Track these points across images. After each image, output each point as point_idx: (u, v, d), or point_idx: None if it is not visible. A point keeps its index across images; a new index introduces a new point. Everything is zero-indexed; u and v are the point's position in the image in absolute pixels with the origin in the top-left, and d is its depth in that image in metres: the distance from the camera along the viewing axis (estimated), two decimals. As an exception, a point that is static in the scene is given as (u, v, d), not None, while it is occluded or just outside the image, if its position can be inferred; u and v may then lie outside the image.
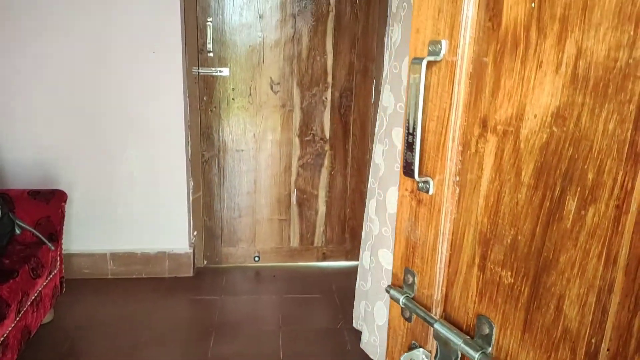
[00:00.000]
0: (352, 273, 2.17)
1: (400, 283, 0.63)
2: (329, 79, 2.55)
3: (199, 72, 2.47)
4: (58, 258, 2.10)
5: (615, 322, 0.40)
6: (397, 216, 0.64)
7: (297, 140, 2.63)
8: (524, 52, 0.45)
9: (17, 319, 1.71)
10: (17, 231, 1.96)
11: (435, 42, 0.53)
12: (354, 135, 2.65)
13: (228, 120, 2.57)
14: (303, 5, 2.43)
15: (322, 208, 2.75)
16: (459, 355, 0.54)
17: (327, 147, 2.65)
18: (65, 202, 2.14)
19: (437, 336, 0.56)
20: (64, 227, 2.14)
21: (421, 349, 0.60)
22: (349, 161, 2.70)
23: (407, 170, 0.59)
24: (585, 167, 0.40)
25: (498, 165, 0.49)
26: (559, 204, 0.43)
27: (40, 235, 1.97)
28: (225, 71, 2.49)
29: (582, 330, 0.42)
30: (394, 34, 1.70)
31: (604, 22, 0.38)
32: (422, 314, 0.58)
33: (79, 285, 2.45)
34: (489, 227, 0.51)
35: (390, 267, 1.79)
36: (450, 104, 0.53)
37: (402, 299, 0.61)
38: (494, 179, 0.50)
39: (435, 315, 0.58)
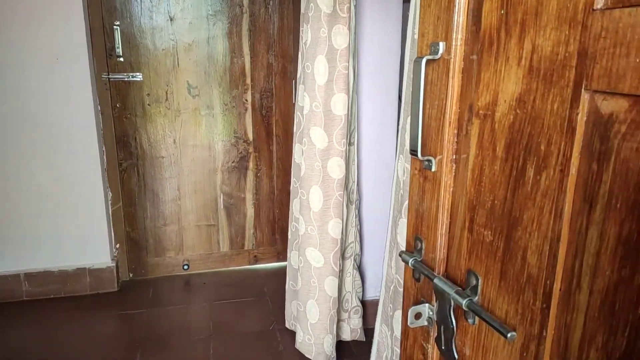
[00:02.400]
0: (284, 274, 2.17)
1: (412, 249, 0.74)
2: (248, 80, 2.53)
3: (109, 78, 2.37)
4: (-40, 285, 1.93)
5: (564, 265, 0.48)
6: (409, 191, 0.74)
7: (220, 144, 2.59)
8: (496, 49, 0.55)
9: None
10: None
11: (435, 44, 0.64)
12: (278, 136, 2.66)
13: (145, 127, 2.48)
14: (215, 7, 2.40)
15: (250, 211, 2.73)
16: (452, 304, 0.64)
17: (250, 149, 2.64)
18: (-35, 223, 1.97)
19: (436, 290, 0.66)
20: (-35, 251, 1.98)
21: (427, 304, 0.70)
22: (274, 162, 2.70)
23: (413, 151, 0.70)
24: (539, 140, 0.50)
25: (480, 143, 0.59)
26: (523, 172, 0.53)
27: (-63, 262, 1.80)
28: (138, 76, 2.40)
29: (540, 275, 0.51)
30: (305, 35, 1.72)
31: (549, 24, 0.48)
32: (426, 272, 0.68)
33: (-12, 312, 2.27)
34: (475, 195, 0.61)
35: (318, 265, 1.82)
36: (447, 95, 0.64)
37: (411, 260, 0.71)
38: (477, 154, 0.60)
39: (436, 273, 0.68)
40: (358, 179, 2.00)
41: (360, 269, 2.12)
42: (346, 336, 2.04)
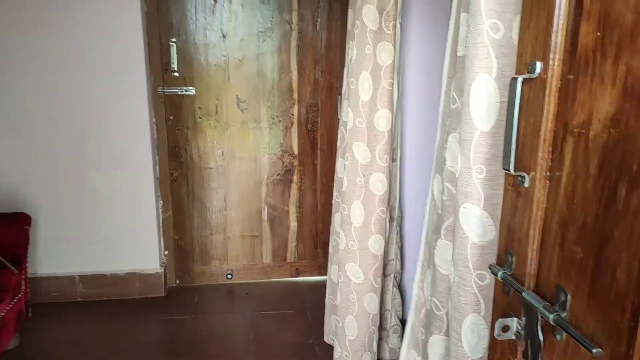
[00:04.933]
0: (325, 288, 2.17)
1: (502, 262, 0.77)
2: (295, 95, 2.59)
3: (164, 92, 2.49)
4: (23, 282, 2.07)
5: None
6: (502, 206, 0.76)
7: (265, 157, 2.65)
8: (592, 70, 0.58)
9: (-23, 347, 1.68)
10: (-21, 257, 1.93)
11: (532, 63, 0.67)
12: (322, 150, 2.68)
13: (195, 139, 2.58)
14: (266, 24, 2.47)
15: (293, 223, 2.76)
16: (540, 319, 0.65)
17: (295, 162, 2.68)
18: (29, 224, 2.11)
19: (525, 304, 0.68)
20: (28, 250, 2.12)
21: (515, 318, 0.72)
22: (318, 176, 2.72)
23: (506, 165, 0.72)
24: (632, 159, 0.52)
25: (574, 161, 0.61)
26: (615, 190, 0.54)
27: (3, 260, 1.94)
28: (191, 90, 2.50)
29: (629, 293, 0.52)
30: (351, 51, 1.74)
31: (644, 48, 0.50)
32: (515, 286, 0.71)
33: (46, 309, 2.41)
34: (567, 212, 0.63)
35: (358, 281, 1.81)
36: (542, 113, 0.66)
37: (500, 273, 0.74)
38: (571, 172, 0.62)
39: (526, 287, 0.69)
40: (400, 195, 1.99)
41: (400, 287, 2.09)
42: (385, 355, 2.01)
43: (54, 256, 2.49)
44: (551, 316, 0.62)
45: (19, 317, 2.04)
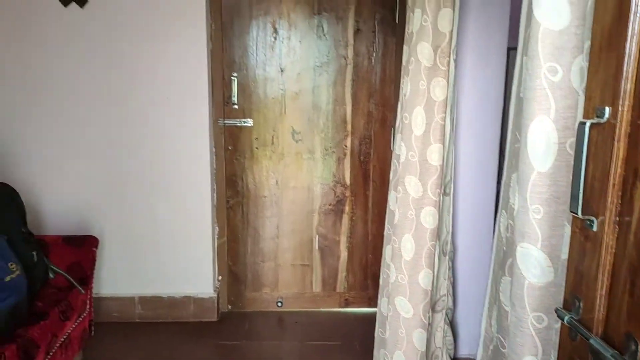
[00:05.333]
0: (374, 320, 2.16)
1: (569, 306, 0.76)
2: (349, 127, 2.64)
3: (224, 123, 2.61)
4: (88, 301, 2.19)
5: None
6: (569, 249, 0.76)
7: (318, 187, 2.70)
8: None
9: (46, 361, 1.79)
10: (51, 275, 2.07)
11: (601, 108, 0.68)
12: (374, 182, 2.70)
13: (252, 168, 2.67)
14: (322, 59, 2.56)
15: (343, 254, 2.77)
16: None
17: (347, 193, 2.71)
18: (96, 247, 2.25)
19: (592, 351, 0.67)
20: (94, 272, 2.25)
21: None
22: (370, 207, 2.73)
23: (573, 208, 0.73)
24: None
25: None
26: None
27: (72, 279, 2.07)
28: (249, 122, 2.61)
29: None
30: (405, 86, 1.77)
31: None
32: (583, 332, 0.70)
33: (108, 328, 2.53)
34: (636, 258, 0.62)
35: (407, 316, 1.79)
36: (611, 158, 0.66)
37: (567, 318, 0.74)
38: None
39: (593, 334, 0.69)
40: (453, 230, 1.96)
41: (452, 324, 2.04)
42: (435, 393, 1.96)
43: (117, 278, 2.63)
44: (621, 367, 0.60)
45: (83, 335, 2.16)
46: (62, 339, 1.93)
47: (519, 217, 0.95)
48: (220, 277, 2.75)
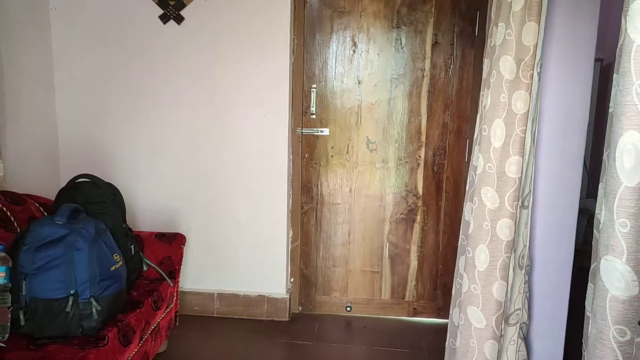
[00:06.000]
0: (443, 331, 2.17)
1: None
2: (423, 138, 2.67)
3: (302, 132, 2.74)
4: (175, 294, 2.38)
5: None
6: None
7: (390, 196, 2.75)
8: None
9: (140, 345, 1.97)
10: (145, 268, 2.27)
11: None
12: (447, 193, 2.71)
13: (326, 176, 2.78)
14: (399, 71, 2.63)
15: (413, 263, 2.80)
16: None
17: (419, 203, 2.74)
18: (184, 244, 2.44)
19: None
20: (181, 267, 2.44)
21: None
22: (442, 218, 2.74)
23: None
24: None
25: None
26: None
27: (163, 273, 2.27)
28: (325, 131, 2.72)
29: None
30: (485, 99, 1.79)
31: None
32: None
33: (189, 321, 2.72)
34: None
35: (479, 326, 1.80)
36: None
37: None
38: None
39: None
40: (531, 244, 1.94)
41: (526, 340, 2.01)
42: (506, 408, 1.94)
43: (199, 274, 2.82)
44: None
45: (169, 324, 2.34)
46: (153, 327, 2.12)
47: (604, 230, 0.96)
48: (292, 279, 2.87)
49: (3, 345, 1.61)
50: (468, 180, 1.98)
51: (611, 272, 0.95)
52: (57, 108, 2.76)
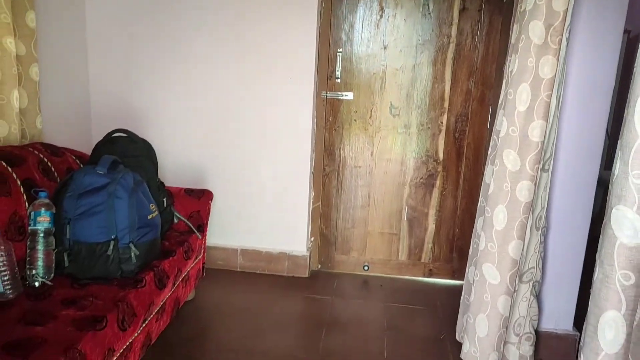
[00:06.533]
0: (457, 291, 2.27)
1: None
2: (446, 104, 2.72)
3: (326, 96, 2.80)
4: (202, 247, 2.50)
5: None
6: None
7: (411, 161, 2.82)
8: None
9: (172, 290, 2.10)
10: (175, 221, 2.39)
11: None
12: (467, 159, 2.77)
13: (349, 139, 2.84)
14: (425, 37, 2.65)
15: (431, 226, 2.89)
16: None
17: (439, 168, 2.80)
18: (211, 200, 2.55)
19: None
20: (208, 222, 2.55)
21: None
22: (461, 183, 2.81)
23: None
24: None
25: None
26: None
27: (192, 226, 2.38)
28: (349, 95, 2.78)
29: None
30: (512, 64, 1.83)
31: None
32: None
33: (214, 274, 2.86)
34: None
35: (494, 282, 1.89)
36: None
37: None
38: None
39: None
40: (549, 206, 2.01)
41: (538, 298, 2.11)
42: (515, 360, 2.05)
43: (223, 230, 2.95)
44: None
45: (197, 274, 2.48)
46: (184, 275, 2.25)
47: (617, 182, 1.03)
48: (312, 238, 2.98)
49: (50, 283, 1.75)
50: (490, 145, 2.03)
51: (621, 221, 1.02)
52: (89, 67, 2.85)
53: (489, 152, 2.02)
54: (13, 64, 2.08)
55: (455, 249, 2.89)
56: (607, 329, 1.06)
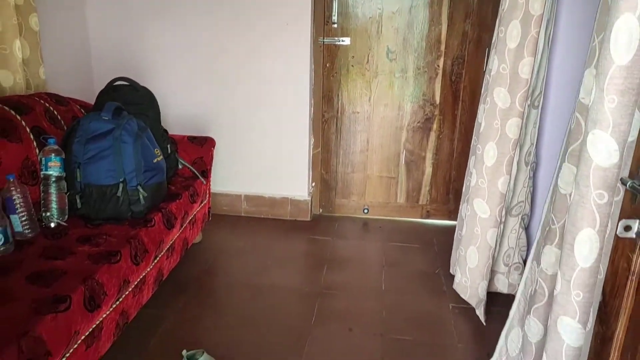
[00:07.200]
0: (453, 231, 2.37)
1: (633, 176, 0.96)
2: (442, 47, 2.73)
3: (323, 42, 2.82)
4: (207, 192, 2.61)
5: None
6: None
7: (408, 105, 2.87)
8: None
9: (180, 230, 2.22)
10: (180, 166, 2.49)
11: None
12: (464, 102, 2.81)
13: (347, 85, 2.88)
14: (421, -22, 2.64)
15: (428, 169, 2.97)
16: None
17: (436, 112, 2.85)
18: (214, 147, 2.63)
19: None
20: (212, 169, 2.65)
21: (638, 220, 0.93)
22: (457, 126, 2.87)
23: None
24: None
25: None
26: None
27: (196, 171, 2.48)
28: (346, 40, 2.79)
29: None
30: (504, 2, 1.85)
31: None
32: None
33: (219, 219, 2.99)
34: None
35: (484, 216, 1.99)
36: None
37: (629, 183, 0.94)
38: None
39: None
40: (538, 142, 2.08)
41: (527, 231, 2.21)
42: (503, 289, 2.18)
43: (227, 177, 3.05)
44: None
45: (204, 218, 2.60)
46: (191, 217, 2.37)
47: (593, 107, 1.09)
48: (313, 184, 3.08)
49: (64, 224, 1.87)
50: (483, 85, 2.08)
51: (597, 145, 1.10)
52: (87, 16, 2.87)
53: (482, 92, 2.07)
54: (13, 14, 2.12)
55: (452, 191, 2.98)
56: (583, 245, 1.15)
